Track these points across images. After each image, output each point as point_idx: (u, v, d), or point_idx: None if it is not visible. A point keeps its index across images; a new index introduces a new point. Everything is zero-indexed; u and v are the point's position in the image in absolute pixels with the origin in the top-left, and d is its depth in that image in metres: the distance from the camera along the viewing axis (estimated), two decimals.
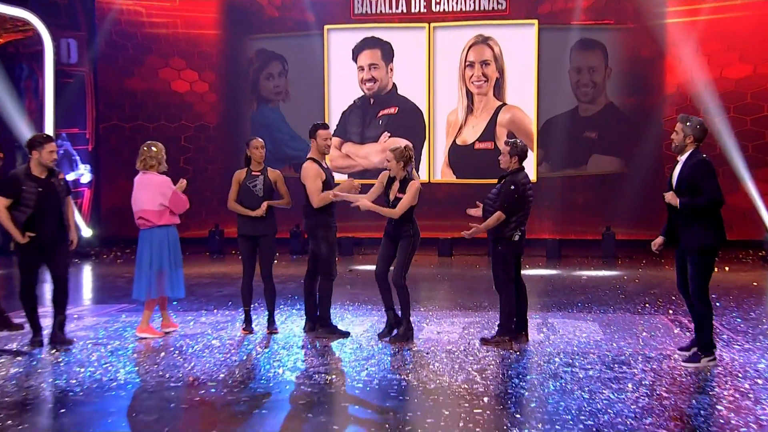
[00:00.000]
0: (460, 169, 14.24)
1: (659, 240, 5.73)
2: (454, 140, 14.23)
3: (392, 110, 14.34)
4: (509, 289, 6.32)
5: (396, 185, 6.38)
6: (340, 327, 6.91)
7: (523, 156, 6.39)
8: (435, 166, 14.31)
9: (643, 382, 5.23)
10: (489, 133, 14.09)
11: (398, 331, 6.51)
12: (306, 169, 6.52)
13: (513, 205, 6.20)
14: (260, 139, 6.83)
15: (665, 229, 5.71)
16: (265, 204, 6.72)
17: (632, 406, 4.71)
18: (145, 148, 6.63)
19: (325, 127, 6.62)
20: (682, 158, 5.50)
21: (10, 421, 4.52)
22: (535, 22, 13.80)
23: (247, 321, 6.89)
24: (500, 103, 14.04)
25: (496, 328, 6.51)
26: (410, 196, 6.32)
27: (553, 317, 7.61)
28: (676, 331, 6.82)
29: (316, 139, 6.57)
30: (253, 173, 6.80)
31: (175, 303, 8.08)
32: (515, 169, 6.35)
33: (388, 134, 14.30)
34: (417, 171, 14.19)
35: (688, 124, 5.49)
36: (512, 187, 6.20)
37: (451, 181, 14.28)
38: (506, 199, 6.21)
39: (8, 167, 12.41)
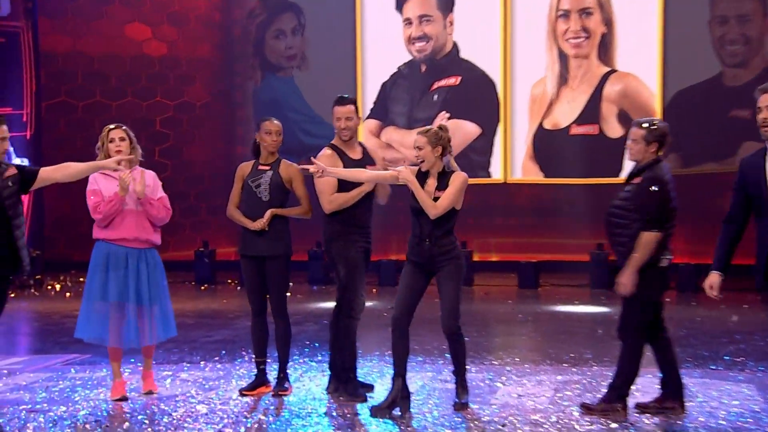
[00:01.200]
0: (551, 163, 14.23)
1: (717, 279, 5.61)
2: (541, 123, 14.27)
3: (452, 81, 14.46)
4: (639, 337, 6.19)
5: (431, 182, 6.29)
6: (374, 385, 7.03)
7: (663, 141, 6.22)
8: (513, 160, 14.30)
9: None
10: (591, 111, 14.06)
11: (458, 398, 6.46)
12: (317, 160, 6.66)
13: (661, 214, 6.05)
14: (277, 122, 6.91)
15: (724, 256, 5.61)
16: (268, 213, 6.78)
17: None
18: None
19: (343, 101, 6.71)
20: None
21: None
22: None
23: (260, 379, 7.00)
24: (608, 69, 14.03)
25: (606, 389, 6.39)
26: (456, 188, 6.20)
27: (688, 376, 7.47)
28: None
29: (333, 120, 6.77)
30: (259, 167, 6.88)
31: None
32: (652, 161, 6.18)
33: (447, 115, 14.34)
34: (487, 166, 14.23)
35: None
36: (653, 187, 6.05)
37: (538, 180, 14.30)
38: (649, 205, 6.03)
39: None
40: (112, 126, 6.80)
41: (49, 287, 13.51)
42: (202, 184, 14.96)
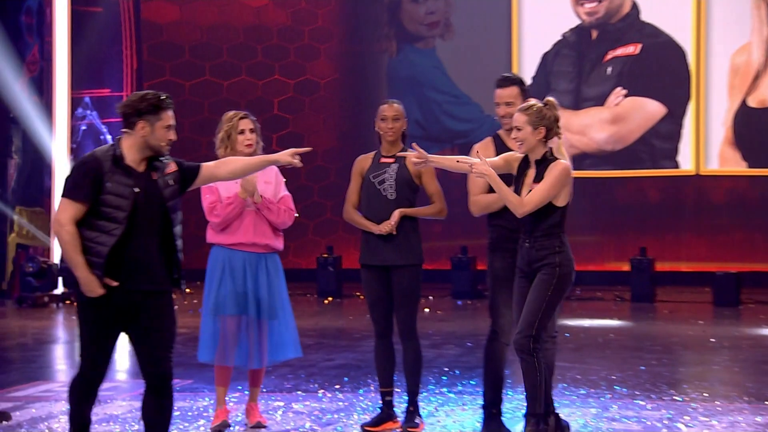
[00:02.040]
0: (756, 150, 14.07)
1: None
2: (745, 100, 14.09)
3: (630, 49, 14.45)
4: None
5: (531, 172, 6.26)
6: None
7: None
8: (708, 147, 14.16)
9: None
10: None
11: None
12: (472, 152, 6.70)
13: None
14: (396, 105, 6.99)
15: None
16: (396, 214, 6.82)
17: None
18: None
19: (504, 83, 6.70)
20: None
21: None
22: None
23: (386, 413, 7.02)
24: None
25: None
26: (552, 181, 6.10)
27: None
28: None
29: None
30: (382, 160, 6.97)
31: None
32: None
33: (624, 92, 14.31)
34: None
35: None
36: None
37: (739, 171, 14.17)
38: None
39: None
40: (241, 114, 6.98)
41: None
42: (326, 178, 15.17)
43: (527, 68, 14.63)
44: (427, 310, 12.39)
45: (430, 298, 13.26)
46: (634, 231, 13.90)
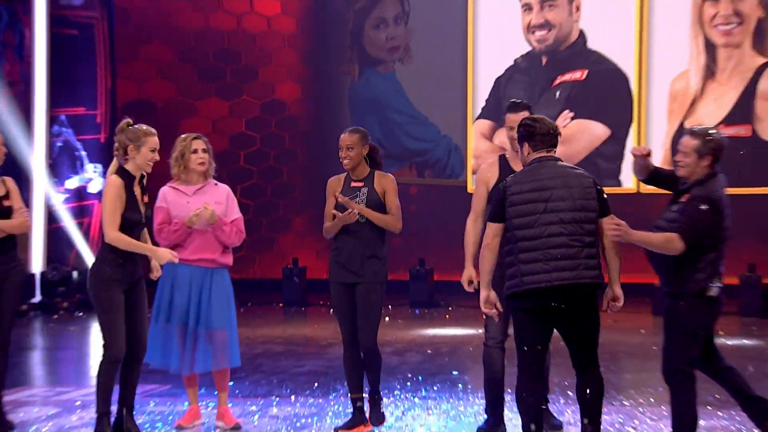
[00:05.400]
0: None
1: None
2: (683, 123, 15.02)
3: (578, 75, 15.65)
4: (684, 380, 6.60)
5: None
6: None
7: (718, 155, 6.58)
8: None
9: None
10: (743, 110, 15.13)
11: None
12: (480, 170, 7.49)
13: (703, 236, 6.43)
14: (354, 133, 7.56)
15: None
16: (357, 207, 7.46)
17: None
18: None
19: (516, 108, 7.23)
20: None
21: None
22: None
23: (358, 417, 7.66)
24: (764, 60, 15.04)
25: None
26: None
27: None
28: None
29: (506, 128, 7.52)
30: (352, 185, 7.59)
31: (231, 383, 8.32)
32: (705, 176, 6.57)
33: (571, 114, 15.40)
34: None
35: None
36: (704, 206, 6.47)
37: None
38: (693, 223, 6.45)
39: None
40: (193, 135, 7.70)
41: None
42: (290, 193, 16.29)
43: (481, 92, 15.85)
44: (387, 319, 13.48)
45: (390, 307, 14.31)
46: None
